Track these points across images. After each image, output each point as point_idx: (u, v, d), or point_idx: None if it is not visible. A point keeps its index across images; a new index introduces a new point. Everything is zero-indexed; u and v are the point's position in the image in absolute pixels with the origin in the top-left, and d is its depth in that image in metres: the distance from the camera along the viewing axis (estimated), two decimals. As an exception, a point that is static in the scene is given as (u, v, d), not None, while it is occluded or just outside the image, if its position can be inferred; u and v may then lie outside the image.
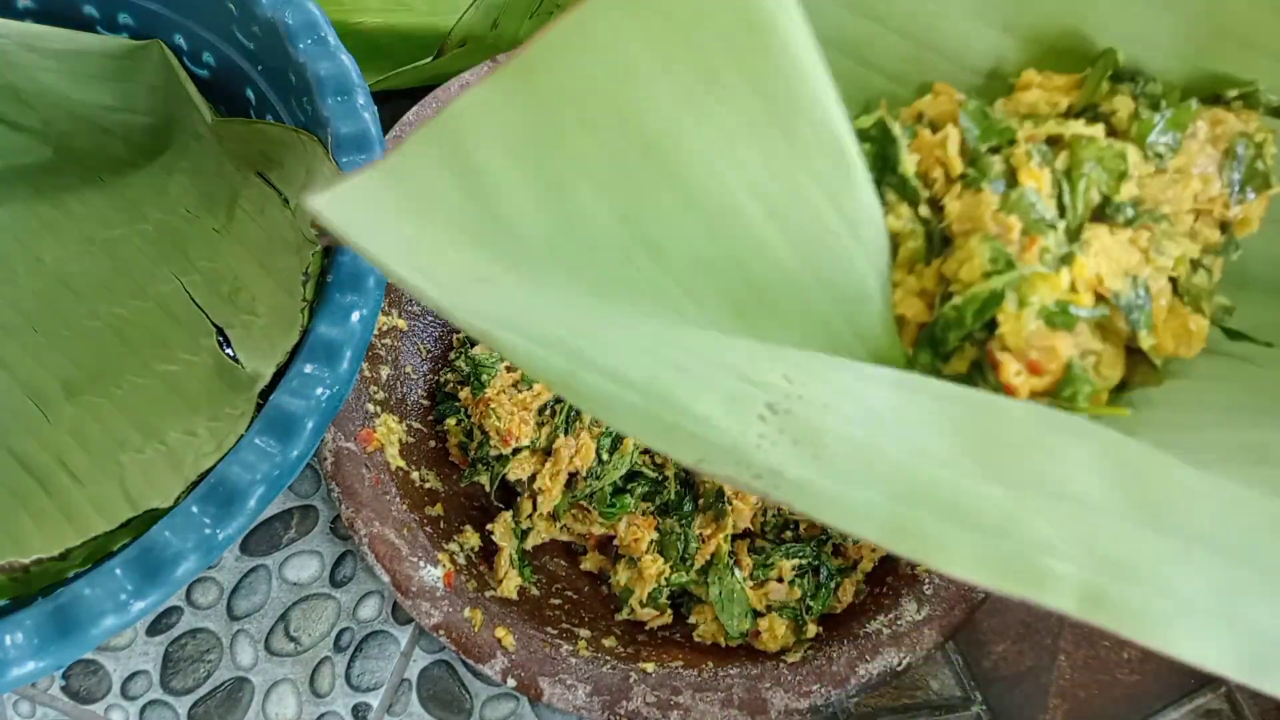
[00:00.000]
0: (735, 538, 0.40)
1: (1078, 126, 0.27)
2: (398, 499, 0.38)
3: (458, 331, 0.45)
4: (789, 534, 0.40)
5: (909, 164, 0.27)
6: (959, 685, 0.41)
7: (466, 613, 0.36)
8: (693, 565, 0.39)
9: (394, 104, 0.47)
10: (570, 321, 0.17)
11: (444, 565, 0.37)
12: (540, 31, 0.19)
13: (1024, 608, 0.42)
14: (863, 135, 0.27)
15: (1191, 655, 0.17)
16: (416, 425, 0.42)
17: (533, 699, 0.37)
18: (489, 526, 0.41)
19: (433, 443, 0.43)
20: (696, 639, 0.39)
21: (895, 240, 0.27)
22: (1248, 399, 0.25)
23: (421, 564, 0.37)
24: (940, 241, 0.26)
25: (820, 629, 0.38)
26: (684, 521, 0.40)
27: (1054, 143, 0.27)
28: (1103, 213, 0.26)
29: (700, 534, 0.39)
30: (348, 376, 0.31)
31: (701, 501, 0.40)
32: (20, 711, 0.41)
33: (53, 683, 0.41)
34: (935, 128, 0.28)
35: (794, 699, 0.34)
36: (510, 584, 0.39)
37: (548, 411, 0.40)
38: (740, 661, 0.37)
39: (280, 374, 0.32)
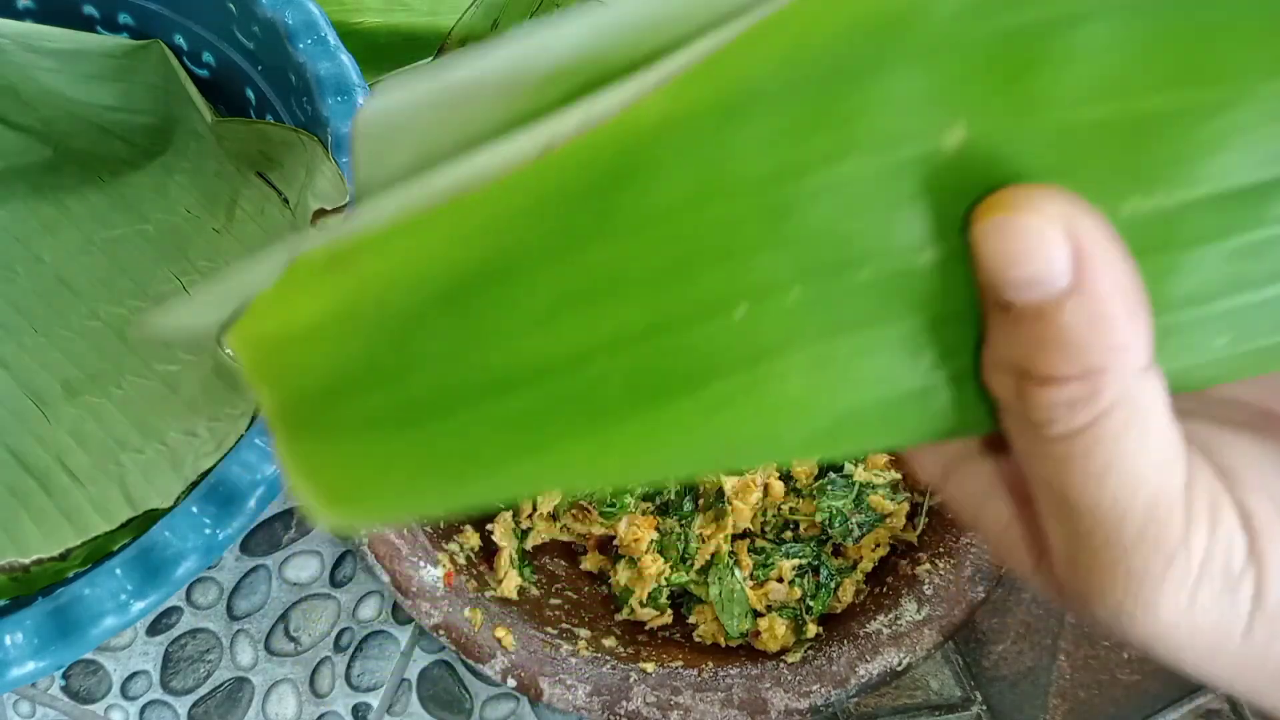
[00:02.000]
0: (735, 538, 0.40)
1: None
2: (398, 499, 0.38)
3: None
4: (789, 534, 0.40)
5: None
6: (959, 685, 0.41)
7: (466, 613, 0.36)
8: (693, 565, 0.39)
9: (394, 104, 0.47)
10: None
11: (444, 565, 0.37)
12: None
13: (1024, 608, 0.42)
14: None
15: None
16: (416, 425, 0.42)
17: (533, 699, 0.37)
18: (489, 526, 0.41)
19: (433, 443, 0.43)
20: (696, 639, 0.39)
21: None
22: None
23: (421, 564, 0.37)
24: None
25: (820, 629, 0.38)
26: (684, 521, 0.40)
27: None
28: None
29: (700, 534, 0.39)
30: (348, 376, 0.31)
31: (701, 501, 0.40)
32: (20, 711, 0.41)
33: (53, 683, 0.41)
34: None
35: (794, 699, 0.34)
36: (510, 584, 0.39)
37: (548, 411, 0.40)
38: (740, 661, 0.37)
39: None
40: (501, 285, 0.14)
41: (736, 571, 0.39)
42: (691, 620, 0.40)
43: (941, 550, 0.38)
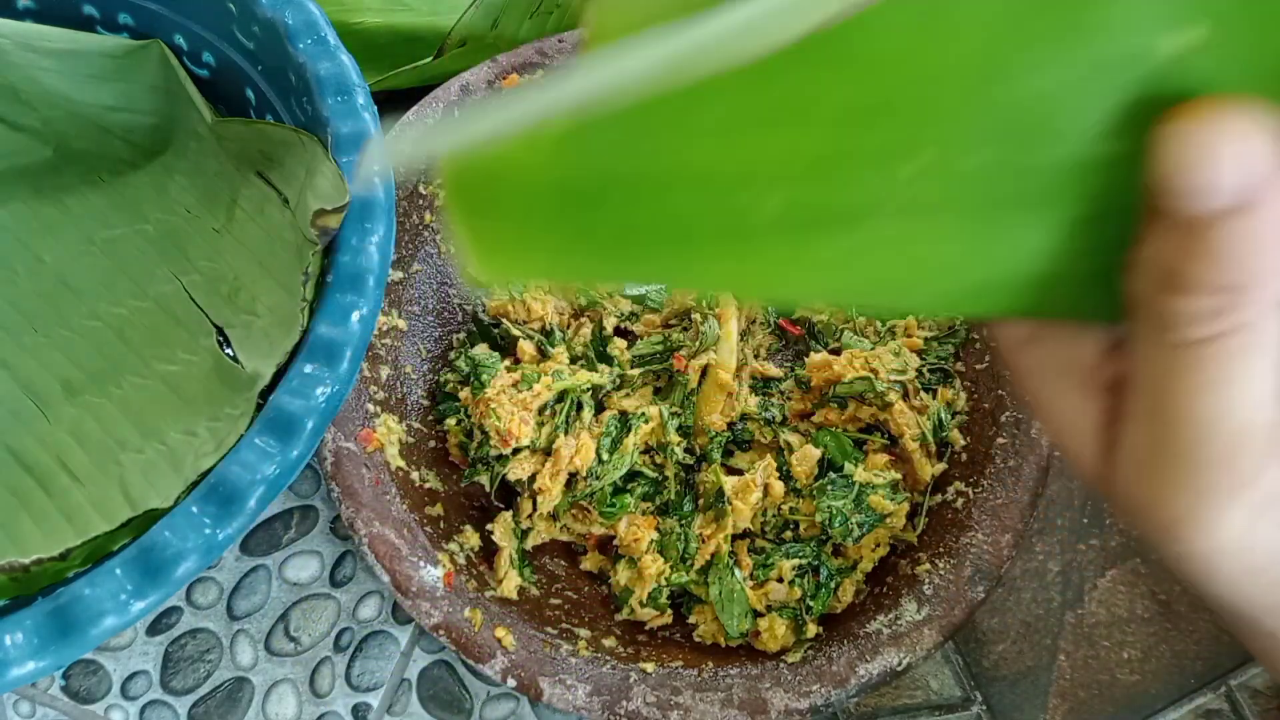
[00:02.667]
0: (735, 538, 0.40)
1: None
2: (398, 499, 0.38)
3: (458, 331, 0.45)
4: (789, 534, 0.40)
5: None
6: (959, 685, 0.41)
7: (466, 613, 0.36)
8: (693, 565, 0.39)
9: (394, 104, 0.47)
10: None
11: (444, 565, 0.37)
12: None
13: (1024, 608, 0.42)
14: None
15: None
16: (416, 425, 0.42)
17: (533, 699, 0.37)
18: (489, 526, 0.41)
19: (433, 443, 0.43)
20: (696, 639, 0.39)
21: None
22: None
23: (421, 564, 0.37)
24: None
25: (820, 629, 0.38)
26: (684, 521, 0.40)
27: None
28: None
29: (700, 534, 0.39)
30: (348, 376, 0.31)
31: (701, 501, 0.40)
32: (20, 711, 0.41)
33: (53, 683, 0.41)
34: None
35: (794, 699, 0.34)
36: (510, 584, 0.39)
37: (547, 411, 0.40)
38: (740, 661, 0.37)
39: (280, 374, 0.32)
40: (687, 88, 0.14)
41: (736, 571, 0.39)
42: (691, 620, 0.40)
43: (941, 550, 0.38)
